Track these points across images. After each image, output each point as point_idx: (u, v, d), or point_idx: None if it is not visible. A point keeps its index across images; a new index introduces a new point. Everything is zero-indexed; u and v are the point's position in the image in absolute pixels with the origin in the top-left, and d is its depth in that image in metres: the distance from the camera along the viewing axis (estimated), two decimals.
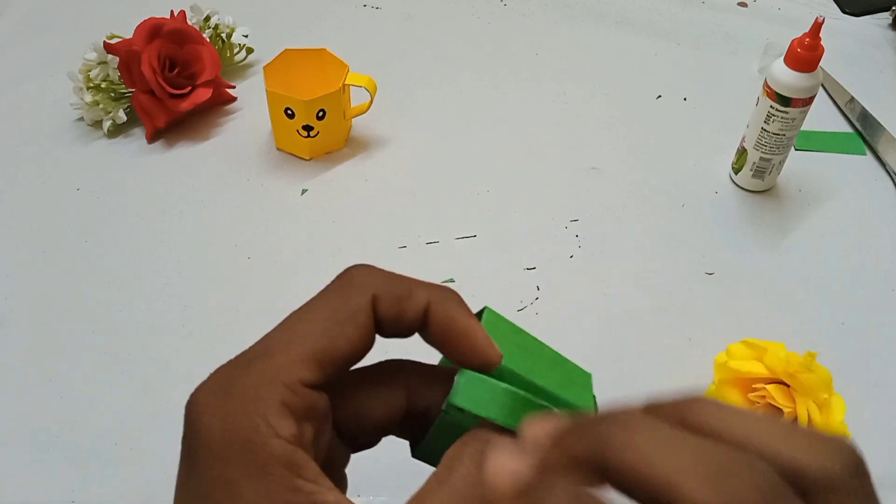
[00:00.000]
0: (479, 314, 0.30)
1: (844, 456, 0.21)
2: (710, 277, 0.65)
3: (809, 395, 0.51)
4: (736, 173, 0.72)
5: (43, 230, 0.67)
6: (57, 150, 0.73)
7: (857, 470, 0.21)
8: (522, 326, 0.29)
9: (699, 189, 0.72)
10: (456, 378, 0.27)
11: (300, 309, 0.27)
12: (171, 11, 0.75)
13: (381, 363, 0.30)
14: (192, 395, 0.26)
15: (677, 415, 0.22)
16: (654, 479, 0.20)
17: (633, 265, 0.66)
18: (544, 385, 0.29)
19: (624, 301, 0.63)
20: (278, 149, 0.74)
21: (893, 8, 0.93)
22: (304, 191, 0.70)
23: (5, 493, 0.51)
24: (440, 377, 0.30)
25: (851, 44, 0.90)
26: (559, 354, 0.31)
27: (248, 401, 0.25)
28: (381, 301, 0.27)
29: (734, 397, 0.55)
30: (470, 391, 0.27)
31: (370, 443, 0.30)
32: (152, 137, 0.74)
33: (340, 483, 0.29)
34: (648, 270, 0.65)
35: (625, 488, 0.20)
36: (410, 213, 0.69)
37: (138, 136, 0.75)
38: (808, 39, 0.62)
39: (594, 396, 0.31)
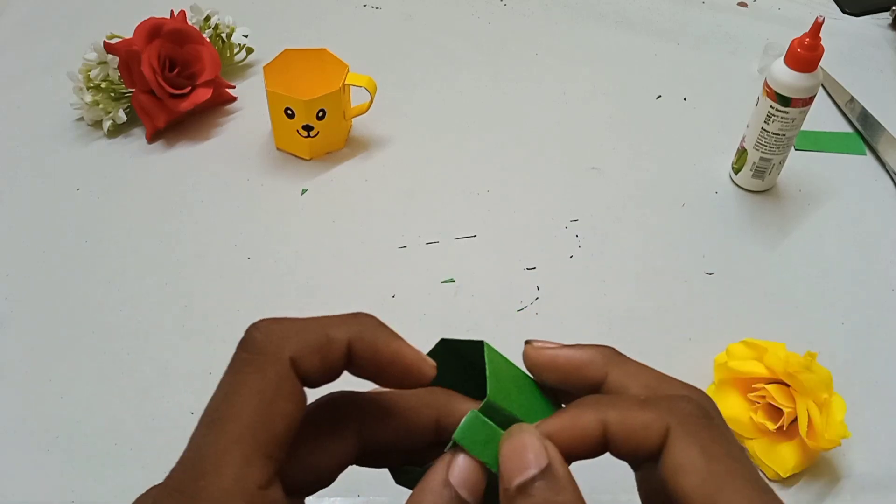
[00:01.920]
0: (454, 343, 0.30)
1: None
2: (710, 277, 0.65)
3: (809, 395, 0.51)
4: (736, 173, 0.72)
5: (43, 230, 0.67)
6: (57, 150, 0.73)
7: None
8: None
9: (699, 189, 0.72)
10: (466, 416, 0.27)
11: (219, 404, 0.25)
12: (171, 11, 0.75)
13: (325, 405, 0.28)
14: None
15: None
16: None
17: (633, 265, 0.66)
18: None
19: (624, 301, 0.63)
20: (278, 149, 0.74)
21: (893, 8, 0.93)
22: (304, 191, 0.70)
23: (5, 493, 0.51)
24: (391, 411, 0.29)
25: (851, 44, 0.90)
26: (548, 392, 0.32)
27: None
28: (301, 362, 0.25)
29: (734, 397, 0.55)
30: (470, 431, 0.27)
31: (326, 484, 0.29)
32: (152, 137, 0.74)
33: None
34: (648, 270, 0.65)
35: None
36: (411, 213, 0.69)
37: (138, 136, 0.75)
38: (808, 39, 0.62)
39: None
